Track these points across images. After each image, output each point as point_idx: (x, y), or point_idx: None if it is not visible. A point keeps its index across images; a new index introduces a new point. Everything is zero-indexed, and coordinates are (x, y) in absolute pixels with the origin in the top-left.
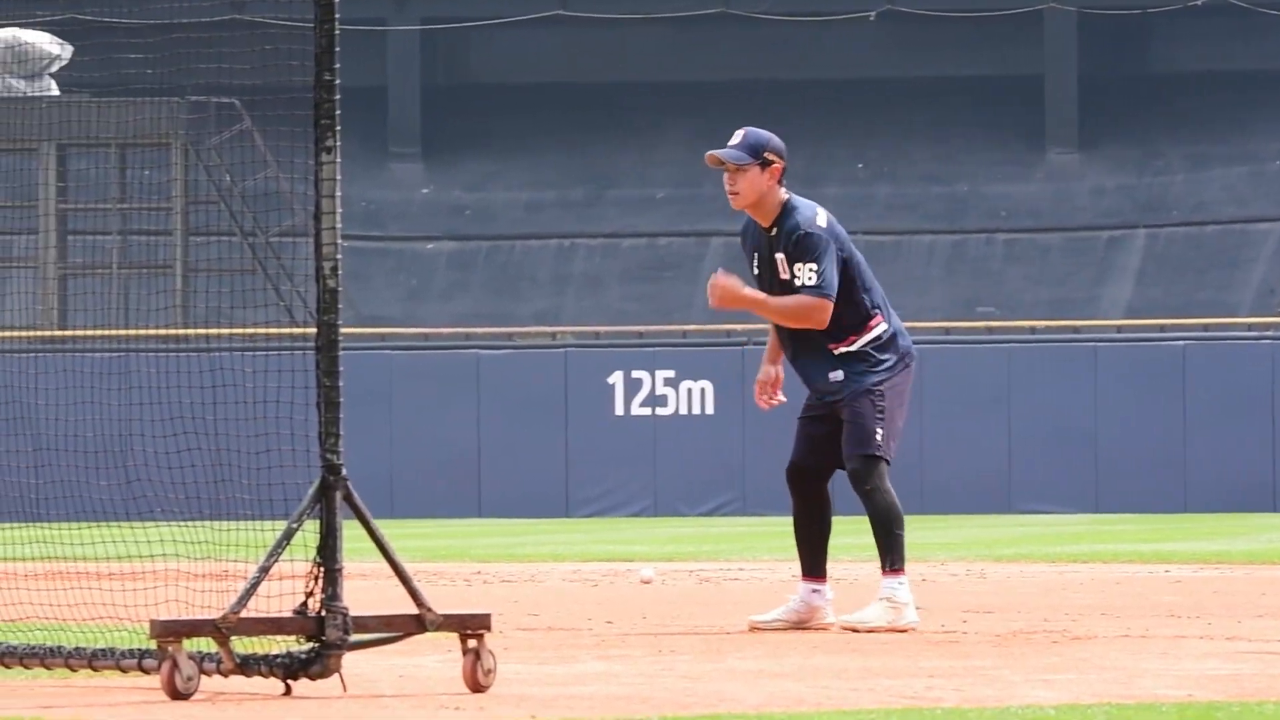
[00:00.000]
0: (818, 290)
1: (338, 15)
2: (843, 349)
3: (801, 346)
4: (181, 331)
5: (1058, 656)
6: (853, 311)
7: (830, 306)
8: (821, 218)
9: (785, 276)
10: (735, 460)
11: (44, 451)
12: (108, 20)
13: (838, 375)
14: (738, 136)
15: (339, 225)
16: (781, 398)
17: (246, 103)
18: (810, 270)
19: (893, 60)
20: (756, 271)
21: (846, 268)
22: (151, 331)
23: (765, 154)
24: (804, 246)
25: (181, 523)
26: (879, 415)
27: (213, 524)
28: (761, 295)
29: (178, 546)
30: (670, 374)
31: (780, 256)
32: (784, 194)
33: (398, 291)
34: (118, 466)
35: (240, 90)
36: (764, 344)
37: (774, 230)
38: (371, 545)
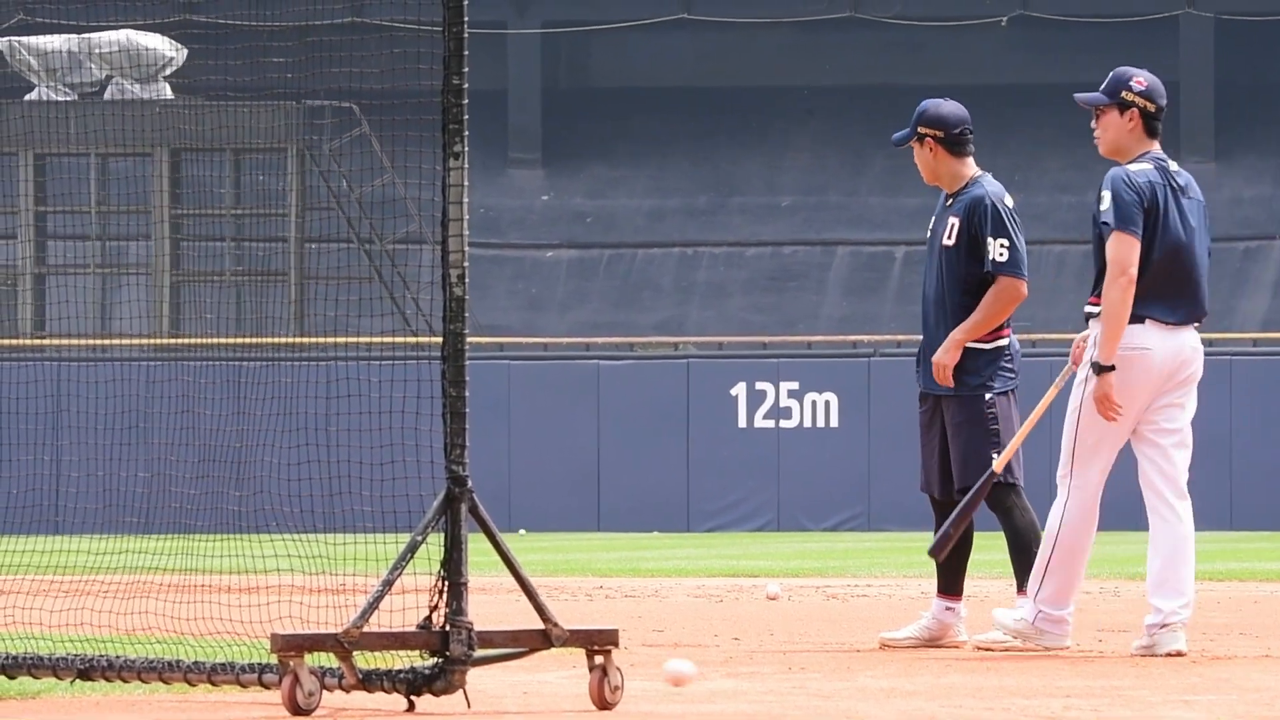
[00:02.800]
0: (1008, 268)
1: (466, 19)
2: (979, 343)
3: (942, 325)
4: (297, 340)
5: (1197, 677)
6: None
7: (1023, 284)
8: (1009, 199)
9: (948, 243)
10: (860, 474)
11: (156, 461)
12: (222, 23)
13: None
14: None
15: (466, 232)
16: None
17: (364, 107)
18: (1001, 246)
19: (1024, 66)
20: (930, 235)
21: None
22: (266, 340)
23: (920, 128)
24: (996, 220)
25: (297, 536)
26: (994, 440)
27: (328, 537)
28: (959, 330)
29: (295, 560)
30: (794, 386)
31: (954, 221)
32: (971, 167)
33: (517, 300)
34: (232, 477)
35: (358, 94)
36: (890, 355)
37: (950, 201)
38: (490, 559)
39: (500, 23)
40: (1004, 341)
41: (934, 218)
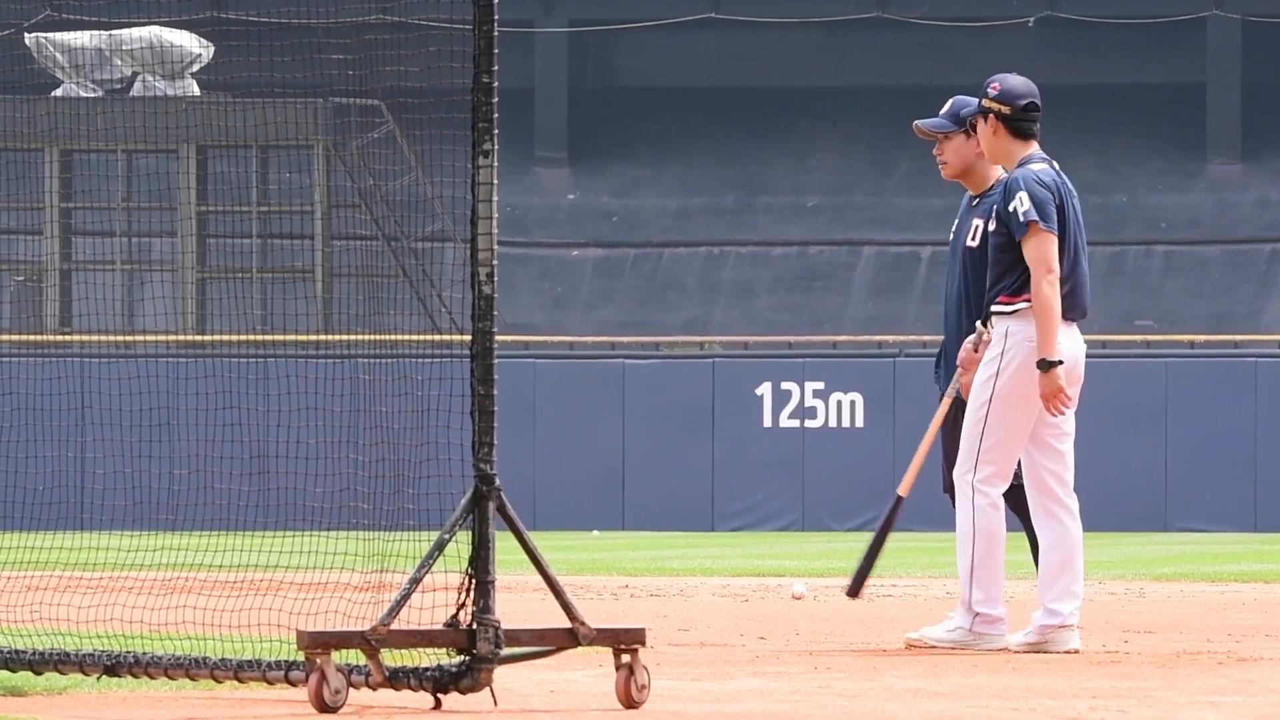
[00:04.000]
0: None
1: (496, 16)
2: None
3: (963, 327)
4: (322, 337)
5: (1223, 679)
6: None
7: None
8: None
9: (972, 244)
10: (885, 475)
11: (182, 458)
12: (250, 20)
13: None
14: (945, 106)
15: (495, 230)
16: None
17: (391, 105)
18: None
19: (1051, 67)
20: (953, 236)
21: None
22: (291, 337)
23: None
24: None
25: (323, 533)
26: None
27: (355, 534)
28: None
29: (321, 557)
30: (820, 385)
31: (978, 223)
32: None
33: (542, 299)
34: (258, 473)
35: (384, 92)
36: (915, 356)
37: (976, 202)
38: (516, 557)
39: (527, 21)
40: None
41: (957, 219)
